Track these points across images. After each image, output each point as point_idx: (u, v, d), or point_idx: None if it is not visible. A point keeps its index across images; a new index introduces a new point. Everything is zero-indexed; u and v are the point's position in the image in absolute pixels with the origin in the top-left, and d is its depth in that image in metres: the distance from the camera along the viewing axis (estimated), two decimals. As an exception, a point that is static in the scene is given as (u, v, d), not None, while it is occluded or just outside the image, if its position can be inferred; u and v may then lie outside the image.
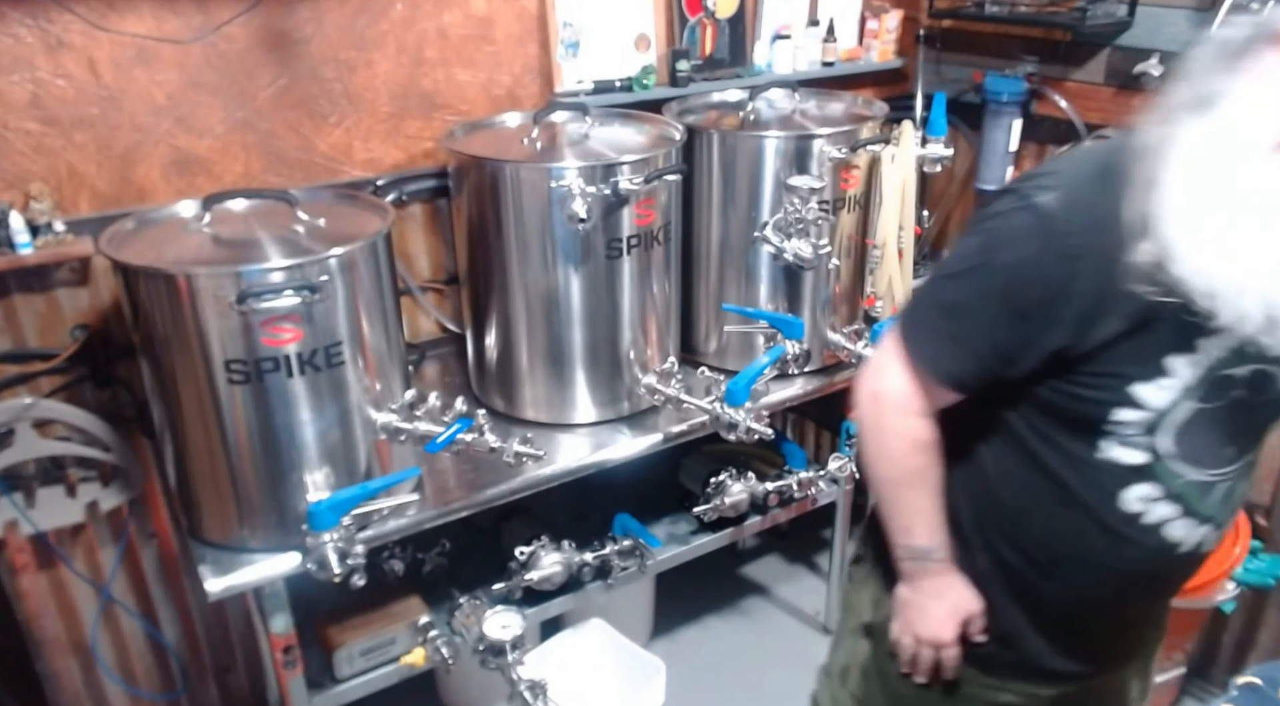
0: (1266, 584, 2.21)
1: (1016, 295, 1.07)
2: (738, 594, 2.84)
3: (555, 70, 2.21)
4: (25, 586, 1.90)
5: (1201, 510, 1.15)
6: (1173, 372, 1.06)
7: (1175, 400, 1.07)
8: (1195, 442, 1.10)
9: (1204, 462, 1.12)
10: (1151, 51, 2.23)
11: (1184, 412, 1.08)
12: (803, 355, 2.06)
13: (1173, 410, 1.08)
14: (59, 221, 1.72)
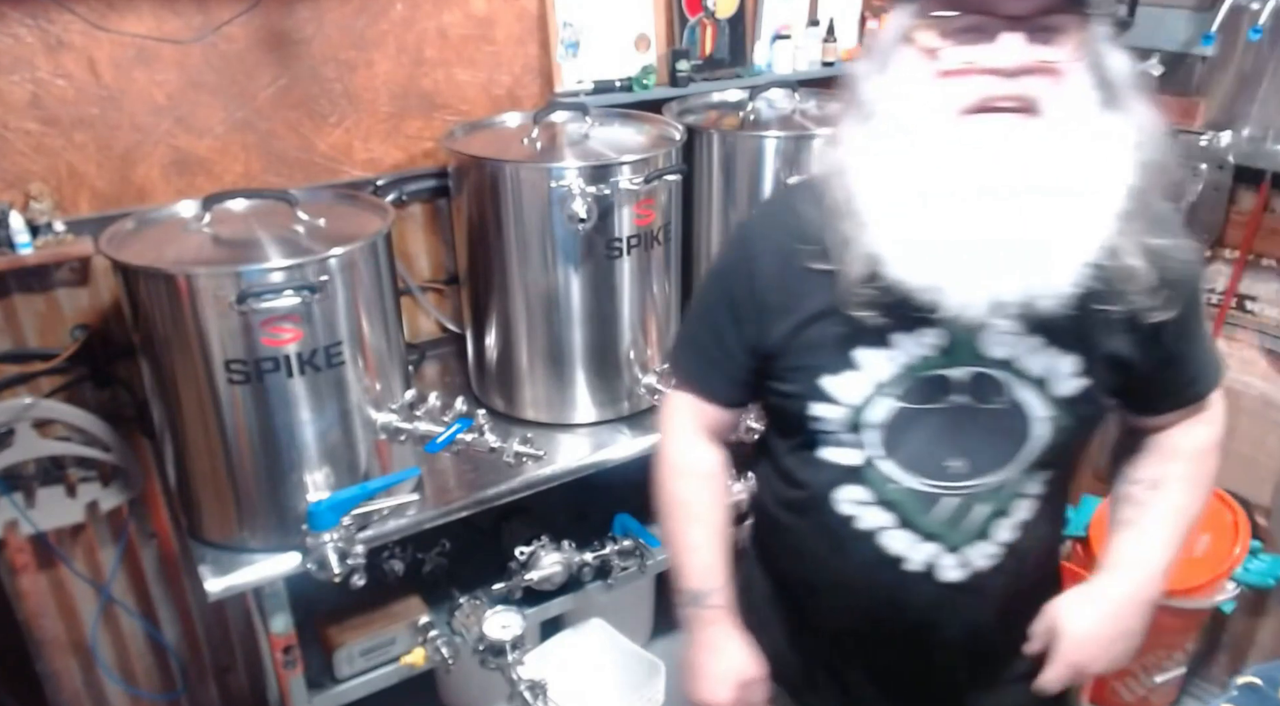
0: (1266, 584, 2.21)
1: (725, 299, 1.13)
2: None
3: (555, 70, 2.21)
4: (25, 586, 1.90)
5: (922, 524, 1.07)
6: (861, 366, 1.04)
7: (868, 395, 1.04)
8: (910, 447, 1.05)
9: (922, 470, 1.05)
10: (1151, 51, 2.23)
11: (885, 411, 1.04)
12: (803, 355, 2.05)
13: (868, 407, 1.04)
14: (59, 221, 1.72)
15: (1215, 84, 2.19)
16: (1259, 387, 2.25)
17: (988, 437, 1.04)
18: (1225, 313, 2.26)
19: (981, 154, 0.89)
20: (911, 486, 1.06)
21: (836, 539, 1.10)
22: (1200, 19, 2.12)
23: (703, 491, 1.20)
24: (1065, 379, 1.02)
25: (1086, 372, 1.02)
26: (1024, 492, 1.08)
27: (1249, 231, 2.16)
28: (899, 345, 1.02)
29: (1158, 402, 1.14)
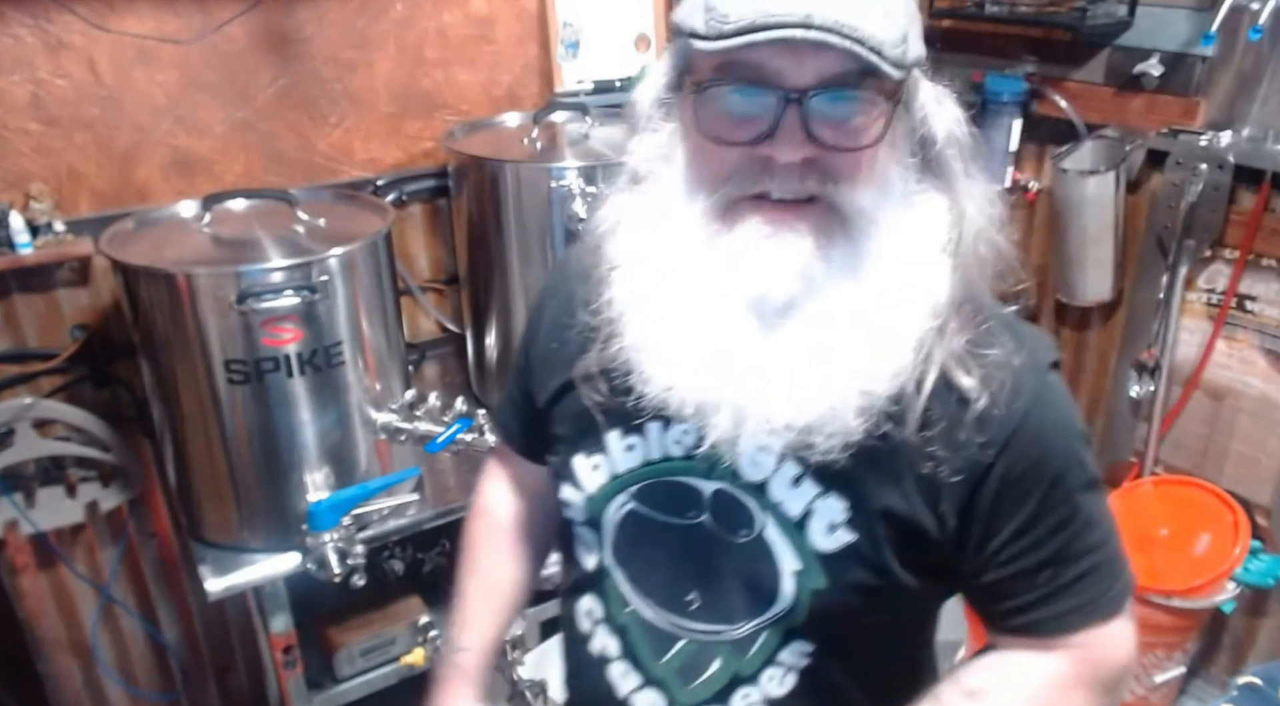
0: (1266, 584, 2.21)
1: (522, 339, 1.02)
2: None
3: (555, 70, 2.21)
4: (25, 586, 1.90)
5: (648, 665, 0.88)
6: (608, 449, 0.87)
7: (605, 486, 0.87)
8: (643, 563, 0.88)
9: (654, 595, 0.87)
10: (1151, 51, 2.23)
11: (619, 509, 0.87)
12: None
13: (605, 499, 0.87)
14: (59, 221, 1.72)
15: (1215, 84, 2.19)
16: (1259, 387, 2.25)
17: (731, 577, 0.83)
18: (1225, 312, 2.26)
19: (750, 265, 0.71)
20: (641, 613, 0.88)
21: (576, 658, 0.96)
22: (1200, 19, 2.12)
23: (490, 541, 1.09)
24: (826, 529, 0.79)
25: (853, 525, 0.78)
26: (778, 661, 0.84)
27: (1249, 231, 2.16)
28: (649, 435, 0.85)
29: (987, 616, 0.85)
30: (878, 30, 0.65)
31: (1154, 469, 2.47)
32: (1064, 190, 2.39)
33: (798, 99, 0.67)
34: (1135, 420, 2.51)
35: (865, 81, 0.67)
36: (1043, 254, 2.65)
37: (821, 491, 0.79)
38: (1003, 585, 0.80)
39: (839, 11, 0.64)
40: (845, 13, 0.64)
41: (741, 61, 0.68)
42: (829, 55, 0.66)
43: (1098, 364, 2.60)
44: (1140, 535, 2.34)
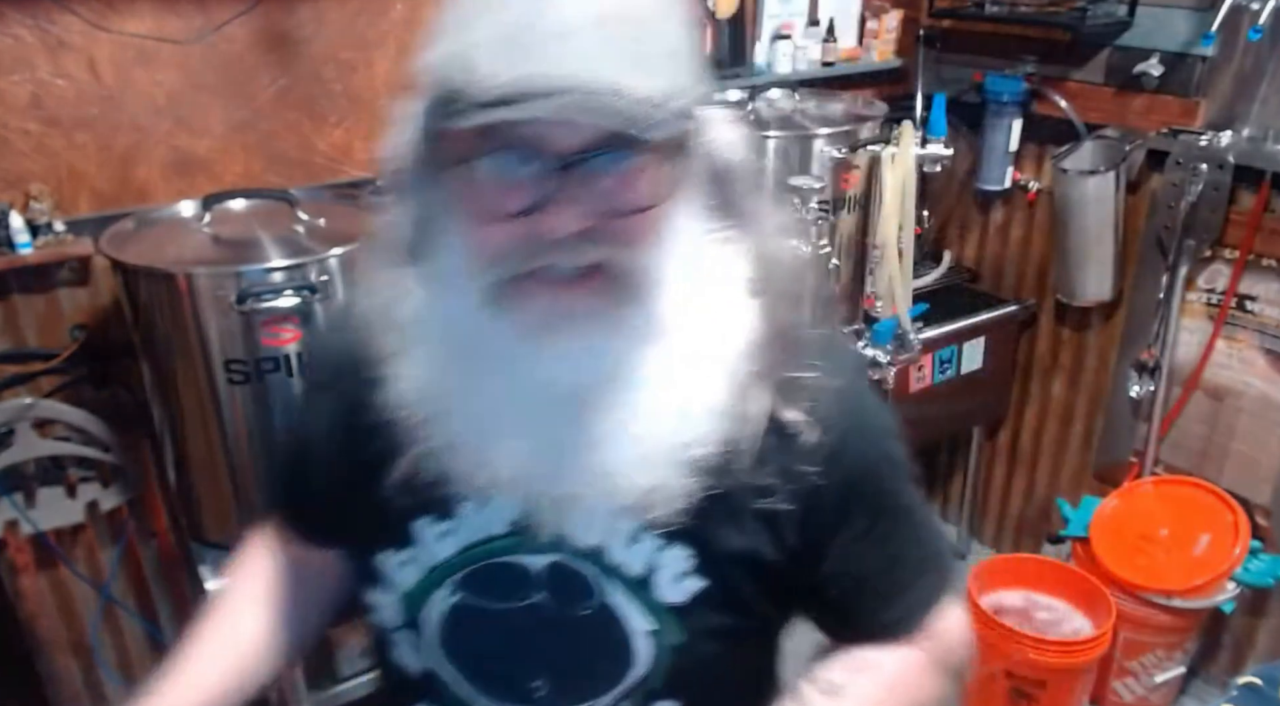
0: (1266, 584, 2.21)
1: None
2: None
3: (555, 70, 2.20)
4: (25, 586, 1.90)
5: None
6: (419, 539, 0.78)
7: (420, 581, 0.78)
8: (476, 655, 0.80)
9: (495, 691, 0.80)
10: (1151, 51, 2.23)
11: (443, 605, 0.78)
12: (802, 355, 2.05)
13: (422, 596, 0.79)
14: (59, 221, 1.72)
15: (1215, 84, 2.19)
16: (1259, 387, 2.25)
17: (580, 653, 0.78)
18: (1225, 312, 2.26)
19: (541, 349, 0.65)
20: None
21: None
22: (1200, 19, 2.12)
23: (238, 598, 0.96)
24: (674, 580, 0.75)
25: (702, 572, 0.75)
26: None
27: (1249, 231, 2.16)
28: (463, 516, 0.76)
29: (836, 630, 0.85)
30: (651, 88, 0.59)
31: (1154, 469, 2.47)
32: (1064, 190, 2.39)
33: (570, 165, 0.60)
34: (1135, 420, 2.51)
35: (643, 140, 0.60)
36: (1043, 254, 2.65)
37: (663, 544, 0.74)
38: (848, 597, 0.81)
39: (606, 70, 0.57)
40: (614, 72, 0.57)
41: (504, 127, 0.59)
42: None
43: (1098, 364, 2.60)
44: (1140, 535, 2.34)
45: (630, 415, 0.67)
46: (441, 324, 0.69)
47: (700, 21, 2.38)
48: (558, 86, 0.56)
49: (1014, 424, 2.87)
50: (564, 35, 0.57)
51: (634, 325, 0.66)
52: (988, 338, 2.62)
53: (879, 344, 2.19)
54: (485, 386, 0.68)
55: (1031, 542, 2.88)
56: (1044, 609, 2.35)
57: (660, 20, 0.62)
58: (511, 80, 0.57)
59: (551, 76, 0.56)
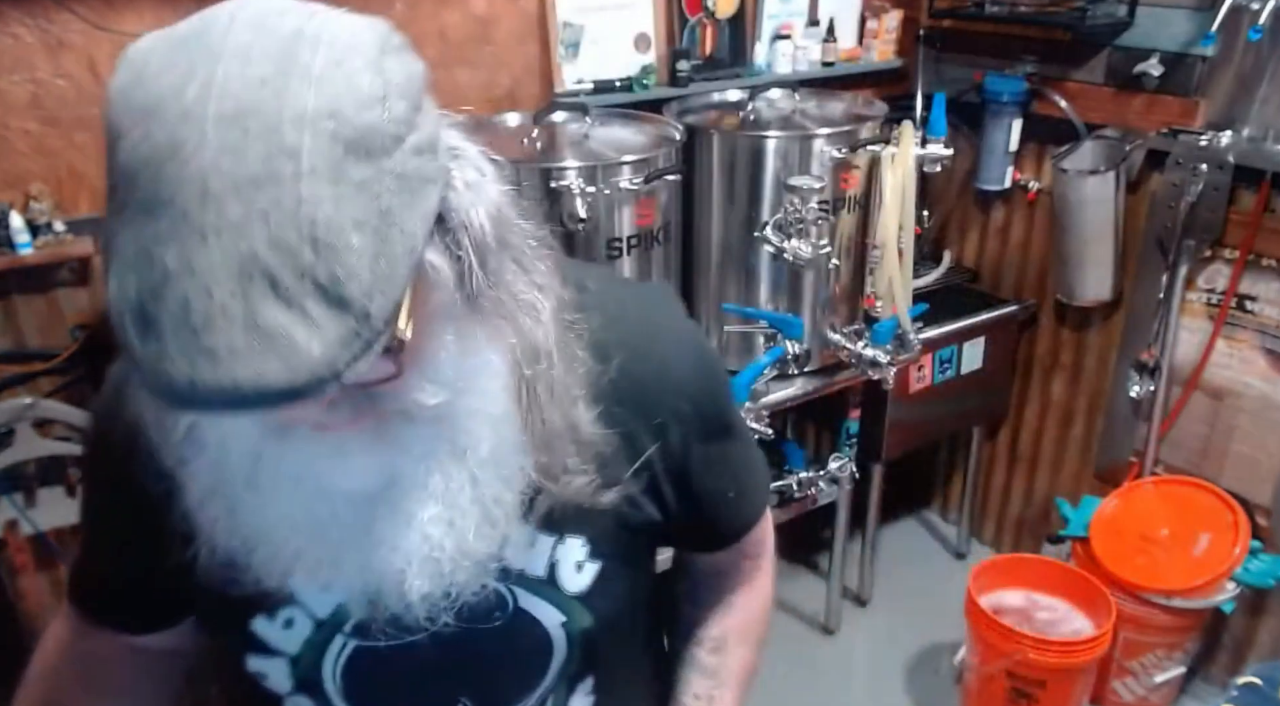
0: (1266, 584, 2.21)
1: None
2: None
3: (555, 70, 2.21)
4: (25, 586, 1.90)
5: None
6: (299, 598, 0.74)
7: (310, 638, 0.75)
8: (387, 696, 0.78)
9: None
10: (1151, 51, 2.23)
11: (340, 657, 0.76)
12: (803, 355, 2.05)
13: (317, 652, 0.76)
14: (59, 221, 1.72)
15: (1215, 84, 2.19)
16: (1259, 388, 2.25)
17: (500, 661, 0.78)
18: (1225, 312, 2.26)
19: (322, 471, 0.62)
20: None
21: None
22: (1200, 19, 2.12)
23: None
24: (575, 570, 0.77)
25: (596, 553, 0.78)
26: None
27: (1249, 231, 2.16)
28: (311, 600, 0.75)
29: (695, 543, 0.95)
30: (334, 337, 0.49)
31: (1154, 469, 2.47)
32: (1064, 190, 2.39)
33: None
34: (1135, 420, 2.51)
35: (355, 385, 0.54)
36: (1043, 254, 2.65)
37: (558, 538, 0.76)
38: (704, 518, 0.88)
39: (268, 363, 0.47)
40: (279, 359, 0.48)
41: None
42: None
43: (1098, 364, 2.60)
44: (1140, 535, 2.34)
45: (414, 511, 0.65)
46: (224, 443, 0.64)
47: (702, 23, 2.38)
48: (216, 393, 0.48)
49: (1014, 424, 2.87)
50: (207, 326, 0.47)
51: (411, 441, 0.63)
52: (988, 337, 2.62)
53: (879, 344, 2.19)
54: (283, 504, 0.64)
55: (1031, 542, 2.88)
56: (1044, 609, 2.36)
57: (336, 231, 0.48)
58: (166, 387, 0.48)
59: (206, 383, 0.47)
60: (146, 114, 0.49)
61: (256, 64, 0.49)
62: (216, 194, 0.47)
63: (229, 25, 0.52)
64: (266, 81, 0.49)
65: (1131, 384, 2.44)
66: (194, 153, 0.47)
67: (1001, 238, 2.76)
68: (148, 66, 0.52)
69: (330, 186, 0.48)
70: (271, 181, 0.47)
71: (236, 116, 0.48)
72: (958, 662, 2.42)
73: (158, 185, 0.48)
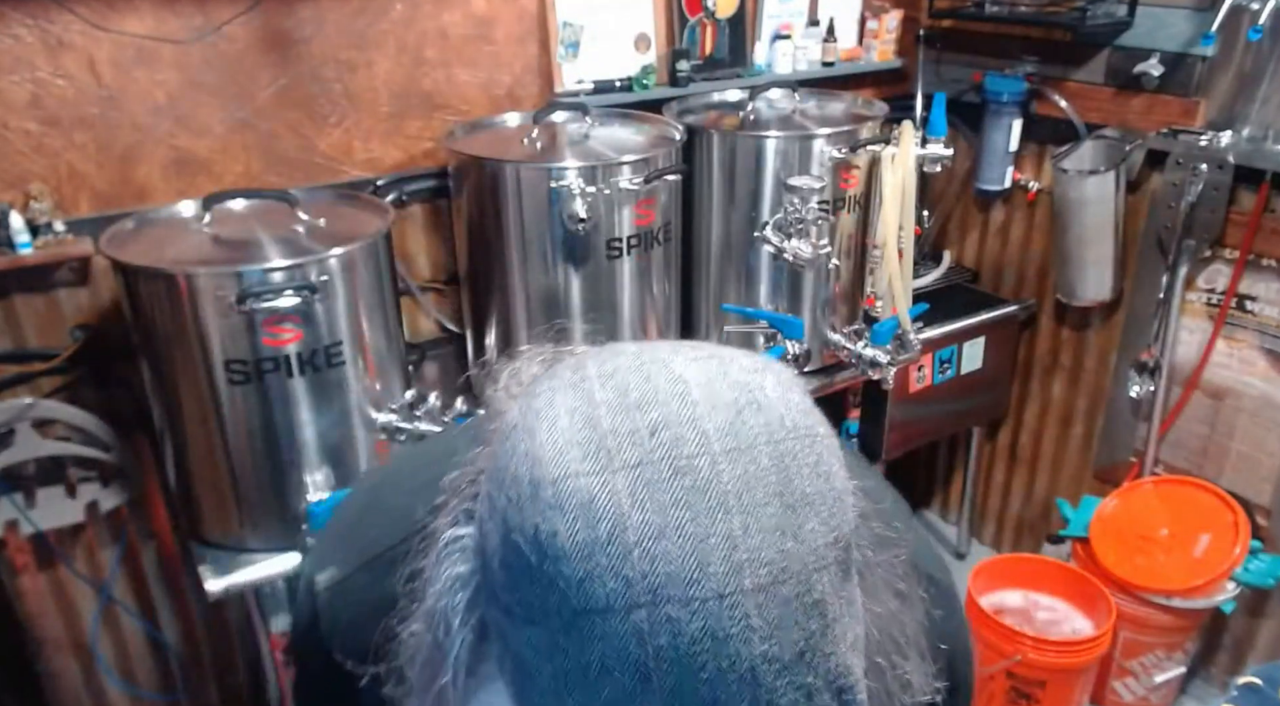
0: (1266, 584, 2.21)
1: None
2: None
3: (555, 70, 2.21)
4: (25, 586, 1.90)
5: None
6: None
7: None
8: None
9: None
10: (1151, 51, 2.23)
11: None
12: (803, 355, 2.05)
13: None
14: (59, 221, 1.72)
15: (1215, 84, 2.19)
16: (1259, 388, 2.25)
17: None
18: (1225, 313, 2.26)
19: None
20: None
21: None
22: (1200, 19, 2.12)
23: None
24: None
25: None
26: None
27: (1249, 231, 2.16)
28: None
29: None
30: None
31: (1154, 469, 2.47)
32: (1064, 190, 2.39)
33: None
34: (1135, 420, 2.51)
35: None
36: (1043, 254, 2.65)
37: None
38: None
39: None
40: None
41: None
42: None
43: (1098, 364, 2.60)
44: (1140, 535, 2.34)
45: None
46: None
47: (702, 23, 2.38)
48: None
49: (1014, 424, 2.87)
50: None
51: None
52: (988, 338, 2.62)
53: (879, 344, 2.19)
54: None
55: (1031, 542, 2.88)
56: (1044, 609, 2.36)
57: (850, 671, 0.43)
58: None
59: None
60: (655, 594, 0.39)
61: (767, 499, 0.41)
62: (768, 688, 0.40)
63: (703, 444, 0.42)
64: (784, 528, 0.41)
65: (1131, 384, 2.44)
66: (741, 646, 0.39)
67: (1001, 238, 2.76)
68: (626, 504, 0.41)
69: (844, 626, 0.43)
70: (811, 648, 0.41)
71: (774, 583, 0.40)
72: None
73: (694, 687, 0.39)
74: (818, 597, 0.41)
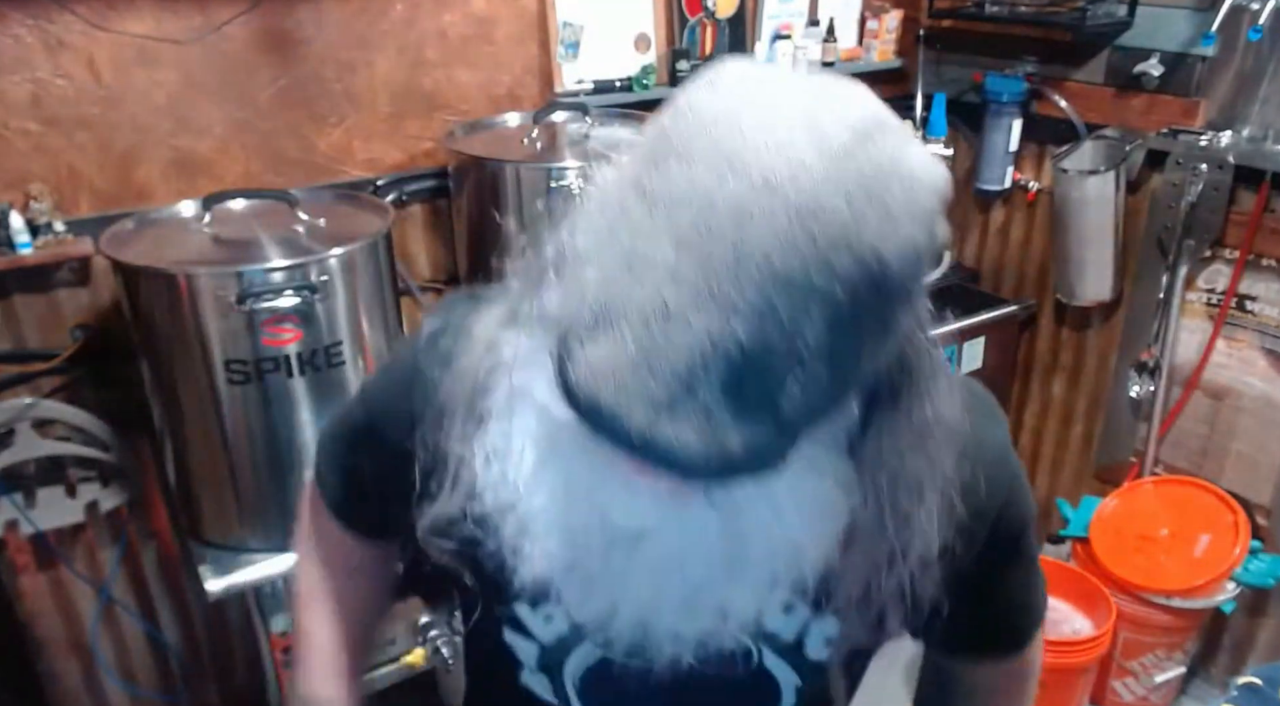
0: (1266, 584, 2.21)
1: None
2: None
3: (555, 70, 2.21)
4: (25, 586, 1.90)
5: None
6: (565, 600, 0.73)
7: (564, 636, 0.77)
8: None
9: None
10: (1151, 51, 2.23)
11: (587, 660, 0.78)
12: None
13: (564, 651, 0.78)
14: (59, 221, 1.72)
15: (1215, 84, 2.19)
16: (1259, 388, 2.25)
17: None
18: (1225, 312, 2.26)
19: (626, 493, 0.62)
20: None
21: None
22: (1200, 19, 2.12)
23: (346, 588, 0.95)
24: (824, 644, 0.77)
25: (846, 637, 0.78)
26: None
27: (1249, 231, 2.16)
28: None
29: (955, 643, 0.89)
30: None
31: (1154, 469, 2.47)
32: (1064, 190, 2.39)
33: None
34: (1135, 420, 2.51)
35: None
36: (1043, 254, 2.65)
37: (813, 614, 0.75)
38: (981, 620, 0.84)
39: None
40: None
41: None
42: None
43: (1098, 364, 2.60)
44: (1140, 535, 2.34)
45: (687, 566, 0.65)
46: (543, 417, 0.64)
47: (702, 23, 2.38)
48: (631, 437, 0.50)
49: (1014, 424, 2.87)
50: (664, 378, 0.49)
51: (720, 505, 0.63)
52: (988, 337, 2.62)
53: (879, 344, 2.19)
54: (581, 514, 0.65)
55: (1031, 542, 2.88)
56: (1044, 609, 2.36)
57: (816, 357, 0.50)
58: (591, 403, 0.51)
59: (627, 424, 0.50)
60: (729, 162, 0.49)
61: (851, 172, 0.49)
62: (750, 276, 0.47)
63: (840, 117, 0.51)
64: (852, 199, 0.49)
65: (1131, 384, 2.44)
66: (755, 226, 0.48)
67: (1001, 238, 2.76)
68: (746, 112, 0.51)
69: (838, 317, 0.49)
70: (800, 292, 0.48)
71: (810, 216, 0.48)
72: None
73: (699, 231, 0.48)
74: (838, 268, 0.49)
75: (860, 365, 0.53)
